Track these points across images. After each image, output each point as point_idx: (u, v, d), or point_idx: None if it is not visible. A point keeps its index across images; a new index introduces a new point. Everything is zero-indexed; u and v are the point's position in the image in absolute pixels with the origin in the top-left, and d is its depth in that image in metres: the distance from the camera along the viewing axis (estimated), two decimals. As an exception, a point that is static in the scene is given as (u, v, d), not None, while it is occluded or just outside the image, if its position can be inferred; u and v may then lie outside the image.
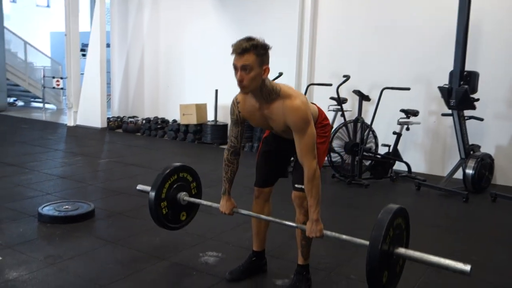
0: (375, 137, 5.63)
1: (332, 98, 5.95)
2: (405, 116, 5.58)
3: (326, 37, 6.87)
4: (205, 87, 8.18)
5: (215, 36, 8.04)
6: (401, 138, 5.68)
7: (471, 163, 5.01)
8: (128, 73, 9.79)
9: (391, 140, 5.68)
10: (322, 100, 6.33)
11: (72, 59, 9.30)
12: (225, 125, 7.78)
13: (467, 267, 2.07)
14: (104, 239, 3.38)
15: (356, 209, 4.58)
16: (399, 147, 5.72)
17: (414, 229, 3.97)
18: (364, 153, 5.37)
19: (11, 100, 14.13)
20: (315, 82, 6.71)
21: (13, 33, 13.16)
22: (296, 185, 2.58)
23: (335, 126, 5.70)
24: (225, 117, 7.75)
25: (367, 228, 3.87)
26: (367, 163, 5.59)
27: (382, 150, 5.73)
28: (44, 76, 12.49)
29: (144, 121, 8.78)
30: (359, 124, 5.42)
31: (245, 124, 2.62)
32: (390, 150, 5.65)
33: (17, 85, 12.89)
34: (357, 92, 5.50)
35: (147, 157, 6.77)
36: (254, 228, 2.86)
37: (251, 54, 2.23)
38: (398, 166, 5.84)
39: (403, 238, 2.39)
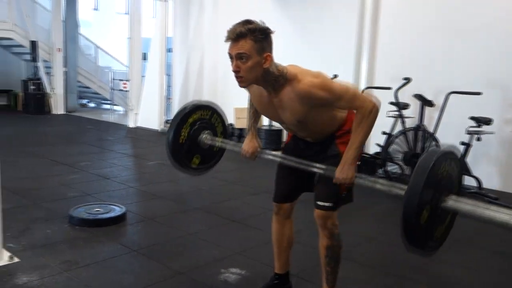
0: (439, 146, 5.05)
1: (391, 103, 5.44)
2: (475, 125, 4.95)
3: (388, 37, 6.36)
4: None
5: (274, 38, 7.77)
6: (471, 149, 5.04)
7: (553, 180, 4.31)
8: (188, 76, 9.81)
9: (459, 152, 5.07)
10: (382, 105, 5.85)
11: (134, 63, 9.48)
12: (280, 130, 7.48)
13: None
14: (127, 246, 3.21)
15: (410, 227, 4.07)
16: (468, 159, 5.09)
17: (475, 255, 3.45)
18: (425, 165, 4.82)
19: (84, 101, 14.86)
20: (375, 85, 6.24)
21: (86, 38, 13.77)
22: (319, 202, 2.22)
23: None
24: (280, 122, 7.45)
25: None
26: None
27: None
28: (113, 79, 12.92)
29: (200, 124, 8.69)
30: (420, 132, 4.89)
31: None
32: (457, 163, 5.04)
33: (89, 87, 13.44)
34: (418, 97, 4.97)
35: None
36: (275, 247, 2.53)
37: (248, 40, 1.91)
38: (467, 181, 5.21)
39: (454, 187, 1.86)
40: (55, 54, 11.49)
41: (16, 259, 2.87)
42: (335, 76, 5.82)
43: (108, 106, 13.65)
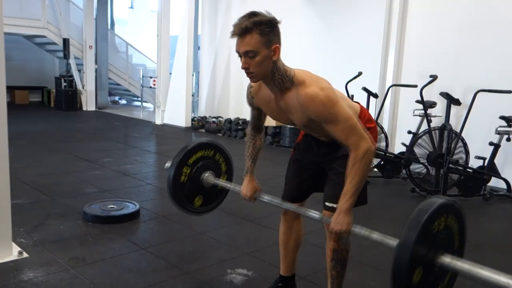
0: (466, 147, 4.83)
1: (418, 102, 5.24)
2: (505, 125, 4.71)
3: (417, 33, 6.14)
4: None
5: (301, 36, 7.65)
6: (500, 150, 4.80)
7: None
8: (215, 73, 9.81)
9: (488, 152, 4.83)
10: (409, 104, 5.68)
11: (162, 60, 9.55)
12: (304, 128, 7.37)
13: None
14: (136, 243, 3.19)
15: (432, 231, 3.88)
16: (497, 160, 4.85)
17: (497, 262, 3.20)
18: (451, 166, 4.62)
19: (116, 98, 15.13)
20: (402, 83, 6.04)
21: (117, 35, 14.00)
22: (327, 203, 2.13)
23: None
24: (304, 120, 7.34)
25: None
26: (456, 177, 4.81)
27: (476, 163, 4.90)
28: (143, 76, 13.09)
29: (226, 122, 8.69)
30: (446, 132, 4.68)
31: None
32: (485, 164, 4.81)
33: (120, 85, 13.66)
34: (445, 95, 4.75)
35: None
36: (281, 248, 2.45)
37: (254, 35, 1.81)
38: (496, 183, 4.97)
39: (454, 244, 1.73)
40: (86, 52, 11.73)
41: (25, 255, 2.90)
42: (360, 73, 5.66)
43: (138, 103, 13.84)
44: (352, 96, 5.78)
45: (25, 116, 10.23)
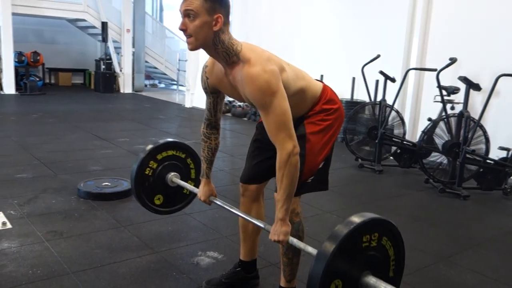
0: (486, 137, 4.48)
1: (439, 87, 4.92)
2: (532, 113, 4.34)
3: (443, 14, 5.75)
4: (310, 72, 7.63)
5: (323, 16, 7.40)
6: (526, 141, 4.44)
7: None
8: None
9: (513, 143, 4.48)
10: (433, 90, 5.34)
11: (192, 43, 9.56)
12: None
13: None
14: (118, 221, 3.20)
15: (435, 226, 3.59)
16: (521, 152, 4.48)
17: (495, 260, 2.95)
18: (468, 156, 4.31)
19: (156, 82, 15.41)
20: (427, 66, 5.69)
21: (153, 19, 14.18)
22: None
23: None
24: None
25: (441, 257, 2.98)
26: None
27: (500, 155, 4.55)
28: (179, 60, 13.21)
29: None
30: (463, 120, 4.36)
31: (219, 95, 2.13)
32: (509, 155, 4.45)
33: (157, 68, 13.85)
34: (463, 79, 4.42)
35: (232, 141, 6.59)
36: (240, 231, 2.36)
37: None
38: (520, 176, 4.60)
39: (388, 267, 1.60)
40: (124, 35, 11.95)
41: (9, 225, 2.97)
42: (378, 56, 5.39)
43: (175, 87, 14.02)
44: (377, 81, 5.54)
45: (63, 97, 10.60)
